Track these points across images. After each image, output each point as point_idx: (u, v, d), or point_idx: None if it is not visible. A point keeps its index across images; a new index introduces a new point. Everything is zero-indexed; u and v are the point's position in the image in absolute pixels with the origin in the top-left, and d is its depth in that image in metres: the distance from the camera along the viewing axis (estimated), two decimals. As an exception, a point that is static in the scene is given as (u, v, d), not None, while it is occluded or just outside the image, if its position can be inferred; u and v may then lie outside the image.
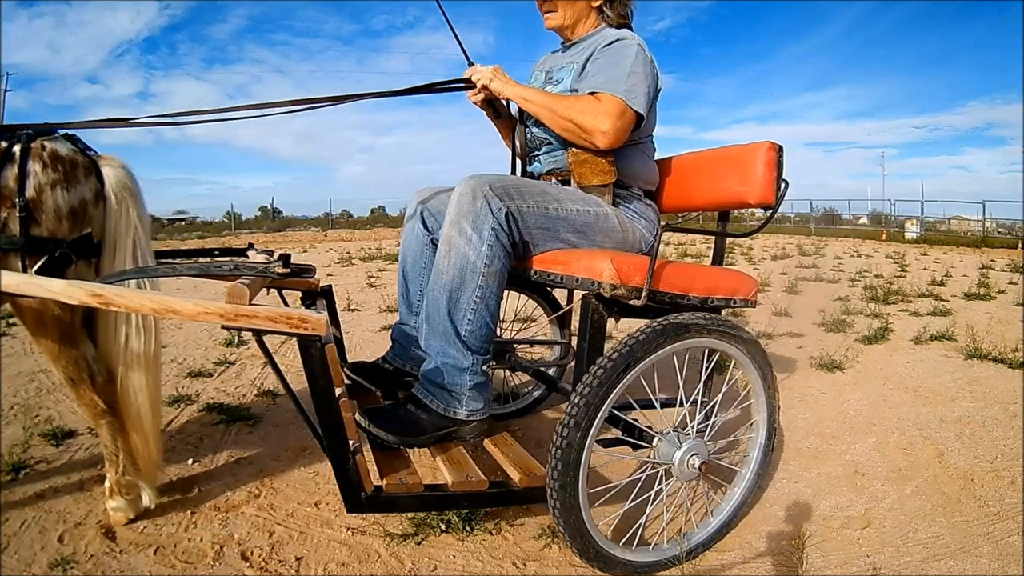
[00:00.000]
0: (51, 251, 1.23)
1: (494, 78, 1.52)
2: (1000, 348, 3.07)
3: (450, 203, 1.33)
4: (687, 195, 1.70)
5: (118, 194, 1.33)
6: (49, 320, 1.27)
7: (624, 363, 1.16)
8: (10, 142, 1.21)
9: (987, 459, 1.86)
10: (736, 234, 1.73)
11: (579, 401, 1.15)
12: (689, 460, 1.29)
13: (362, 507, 1.16)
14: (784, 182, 1.46)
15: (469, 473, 1.25)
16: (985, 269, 8.20)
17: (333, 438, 1.11)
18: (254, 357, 2.92)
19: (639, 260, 1.27)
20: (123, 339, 1.32)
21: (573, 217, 1.43)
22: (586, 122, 1.40)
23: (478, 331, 1.32)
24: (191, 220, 29.93)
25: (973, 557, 1.35)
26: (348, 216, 30.02)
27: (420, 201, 1.66)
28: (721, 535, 1.41)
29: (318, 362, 1.07)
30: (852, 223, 24.74)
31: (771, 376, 1.42)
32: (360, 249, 11.13)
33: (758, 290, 1.50)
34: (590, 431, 1.15)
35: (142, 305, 1.02)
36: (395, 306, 4.31)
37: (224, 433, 1.96)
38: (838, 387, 2.61)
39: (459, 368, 1.32)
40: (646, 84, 1.44)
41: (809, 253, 11.14)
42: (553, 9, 1.61)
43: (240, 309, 1.00)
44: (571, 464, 1.15)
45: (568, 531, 1.19)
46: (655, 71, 1.50)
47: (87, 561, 1.27)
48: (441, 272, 1.31)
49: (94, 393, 1.34)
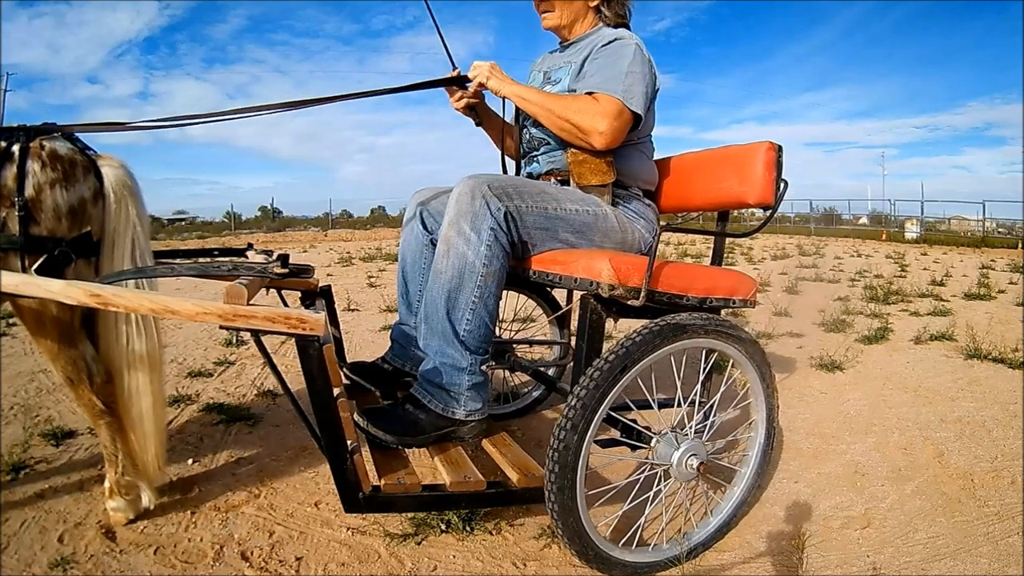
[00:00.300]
0: (50, 250, 1.23)
1: (491, 76, 1.50)
2: (1000, 348, 3.07)
3: (449, 203, 1.32)
4: (687, 195, 1.69)
5: (117, 193, 1.33)
6: (48, 320, 1.27)
7: (622, 364, 1.16)
8: (9, 142, 1.21)
9: (987, 459, 1.86)
10: (736, 234, 1.73)
11: (576, 403, 1.15)
12: (687, 461, 1.29)
13: (360, 507, 1.16)
14: (783, 182, 1.46)
15: (467, 473, 1.25)
16: (985, 269, 8.20)
17: (331, 438, 1.11)
18: (254, 357, 2.92)
19: (637, 260, 1.27)
20: (124, 339, 1.32)
21: (572, 217, 1.43)
22: (583, 122, 1.39)
23: (476, 331, 1.32)
24: (191, 220, 29.93)
25: (973, 557, 1.35)
26: (348, 216, 30.02)
27: (419, 202, 1.66)
28: (721, 535, 1.41)
29: (316, 362, 1.07)
30: (852, 223, 24.74)
31: (769, 375, 1.41)
32: (360, 249, 11.13)
33: (757, 290, 1.50)
34: (588, 432, 1.15)
35: (140, 305, 1.02)
36: (395, 306, 4.30)
37: (224, 433, 1.96)
38: (838, 387, 2.61)
39: (457, 368, 1.32)
40: (644, 84, 1.44)
41: (809, 253, 11.14)
42: (550, 9, 1.60)
43: (238, 309, 1.00)
44: (569, 465, 1.14)
45: (567, 532, 1.19)
46: (653, 71, 1.50)
47: (87, 561, 1.27)
48: (440, 272, 1.31)
49: (93, 393, 1.34)
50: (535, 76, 1.71)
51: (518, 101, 1.48)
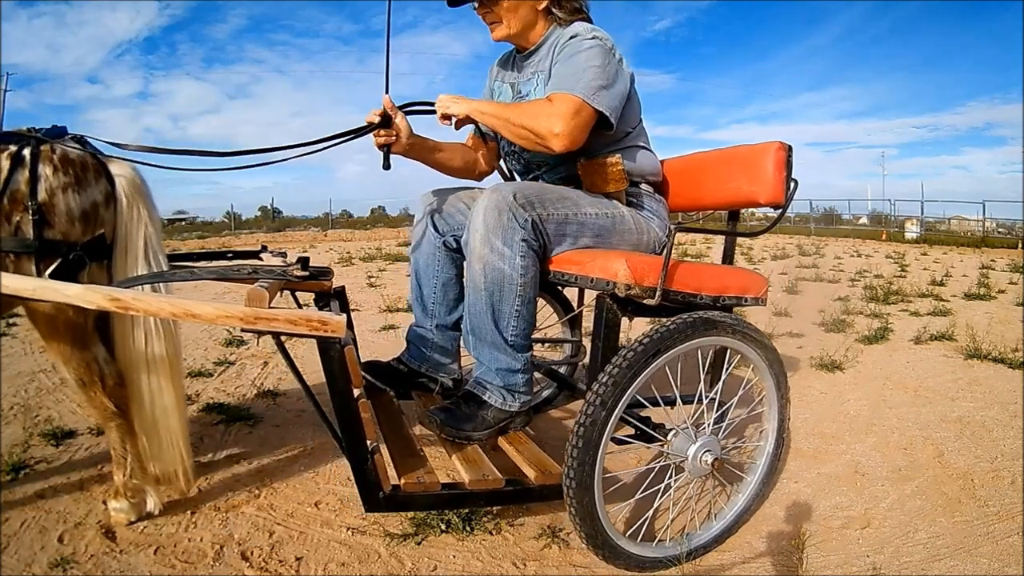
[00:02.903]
0: (65, 254, 1.23)
1: (451, 104, 1.45)
2: (1000, 348, 3.07)
3: (474, 218, 1.33)
4: (697, 195, 1.71)
5: (129, 195, 1.33)
6: (62, 323, 1.27)
7: (655, 348, 1.21)
8: (19, 146, 1.22)
9: (987, 459, 1.86)
10: (747, 233, 1.75)
11: (608, 380, 1.18)
12: (703, 456, 1.32)
13: (380, 506, 1.18)
14: (794, 181, 1.48)
15: (485, 471, 1.27)
16: (985, 269, 8.20)
17: (352, 439, 1.12)
18: (254, 357, 2.92)
19: (653, 260, 1.29)
20: (140, 342, 1.33)
21: (592, 222, 1.44)
22: (539, 126, 1.34)
23: (522, 333, 1.37)
24: (191, 220, 29.89)
25: (973, 557, 1.35)
26: (348, 216, 29.98)
27: (428, 204, 1.66)
28: (722, 540, 1.42)
29: (338, 364, 1.09)
30: (852, 223, 24.73)
31: (785, 386, 1.45)
32: (360, 249, 11.12)
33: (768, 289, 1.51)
34: (617, 408, 1.18)
35: (161, 309, 1.02)
36: (395, 306, 4.33)
37: (224, 433, 1.97)
38: (838, 387, 2.61)
39: (512, 371, 1.39)
40: (605, 77, 1.38)
41: (809, 253, 11.14)
42: (497, 20, 1.52)
43: (259, 312, 1.01)
44: (593, 442, 1.17)
45: (585, 530, 1.21)
46: (616, 59, 1.43)
47: (87, 561, 1.27)
48: (479, 288, 1.33)
49: (105, 395, 1.34)
50: (503, 89, 1.66)
51: (479, 116, 1.45)
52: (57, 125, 1.31)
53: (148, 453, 1.39)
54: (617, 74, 1.42)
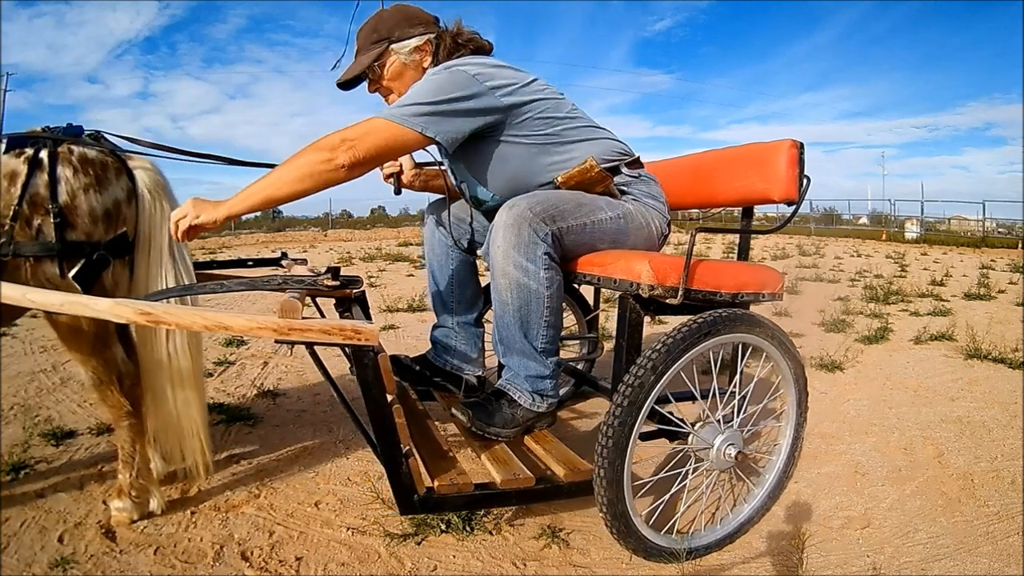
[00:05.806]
0: (88, 254, 1.23)
1: (196, 214, 1.21)
2: (1000, 348, 3.07)
3: (494, 234, 1.32)
4: (710, 192, 1.73)
5: (153, 192, 1.34)
6: (84, 329, 1.28)
7: (694, 336, 1.23)
8: (35, 149, 1.21)
9: (987, 459, 1.86)
10: (764, 231, 1.78)
11: (648, 363, 1.20)
12: (726, 449, 1.34)
13: (415, 508, 1.20)
14: (806, 178, 1.50)
15: (516, 471, 1.29)
16: (985, 269, 8.20)
17: (387, 444, 1.14)
18: (254, 357, 2.92)
19: (673, 260, 1.30)
20: (163, 336, 1.34)
21: (607, 226, 1.44)
22: (317, 162, 1.21)
23: (550, 339, 1.39)
24: (191, 220, 29.83)
25: (973, 557, 1.35)
26: (348, 216, 29.96)
27: (434, 207, 1.75)
28: (722, 543, 1.41)
29: (372, 371, 1.10)
30: (852, 223, 24.71)
31: (806, 403, 1.46)
32: (360, 249, 11.13)
33: (784, 285, 1.52)
34: (657, 386, 1.20)
35: (193, 323, 1.01)
36: (395, 306, 4.36)
37: (224, 433, 1.96)
38: (838, 387, 2.61)
39: (541, 376, 1.40)
40: (435, 93, 1.28)
41: (809, 253, 11.14)
42: (387, 92, 1.52)
43: (292, 323, 1.01)
44: (629, 423, 1.19)
45: (615, 525, 1.23)
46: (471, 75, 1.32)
47: (87, 561, 1.27)
48: (506, 303, 1.34)
49: (122, 395, 1.35)
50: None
51: (245, 210, 1.24)
52: (72, 124, 1.31)
53: (167, 446, 1.41)
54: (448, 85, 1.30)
